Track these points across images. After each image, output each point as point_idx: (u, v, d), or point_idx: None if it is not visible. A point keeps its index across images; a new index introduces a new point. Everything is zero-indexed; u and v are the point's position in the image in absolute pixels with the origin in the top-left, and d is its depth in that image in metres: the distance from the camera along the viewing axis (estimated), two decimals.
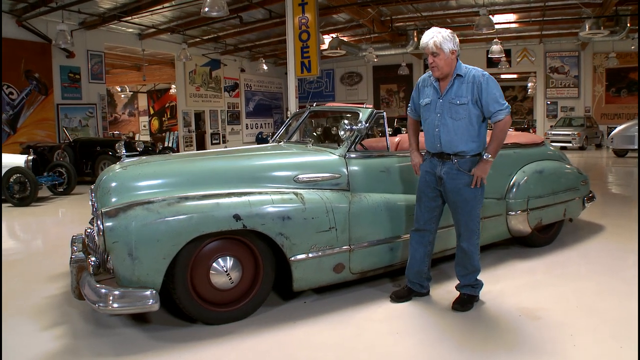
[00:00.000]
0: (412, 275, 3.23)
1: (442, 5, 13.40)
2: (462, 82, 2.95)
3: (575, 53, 18.41)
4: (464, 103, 2.92)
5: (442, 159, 3.01)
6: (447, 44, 2.90)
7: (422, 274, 3.21)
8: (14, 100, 11.39)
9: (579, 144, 16.28)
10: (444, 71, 2.94)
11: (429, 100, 3.06)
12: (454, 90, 2.95)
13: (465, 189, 2.98)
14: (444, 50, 2.89)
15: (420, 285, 3.24)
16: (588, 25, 11.78)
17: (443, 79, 3.00)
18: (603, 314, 3.01)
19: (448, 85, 2.98)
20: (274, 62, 21.20)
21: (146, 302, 2.64)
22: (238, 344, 2.72)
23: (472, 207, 3.01)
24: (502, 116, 2.92)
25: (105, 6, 11.81)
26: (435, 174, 3.06)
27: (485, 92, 2.90)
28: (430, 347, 2.65)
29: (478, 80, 2.92)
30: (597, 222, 5.49)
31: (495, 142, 2.95)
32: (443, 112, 2.97)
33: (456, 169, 2.97)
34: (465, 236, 3.05)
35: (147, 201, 2.74)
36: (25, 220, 6.78)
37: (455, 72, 2.96)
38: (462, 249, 3.08)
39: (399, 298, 3.21)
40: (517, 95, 30.70)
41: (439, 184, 3.06)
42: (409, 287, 3.25)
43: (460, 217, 3.03)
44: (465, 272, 3.13)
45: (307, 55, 9.71)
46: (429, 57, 2.94)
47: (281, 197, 2.96)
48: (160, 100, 23.18)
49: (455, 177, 2.97)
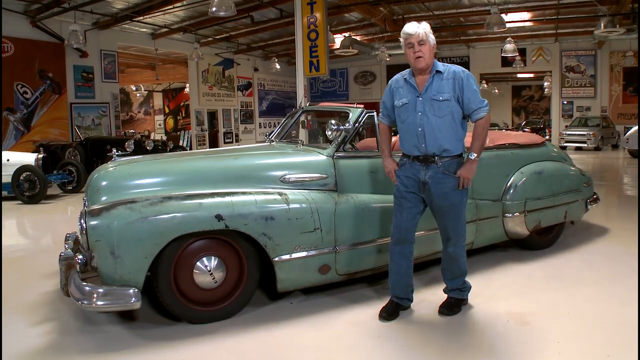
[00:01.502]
0: (399, 291, 3.04)
1: (455, 3, 13.25)
2: (442, 78, 2.85)
3: (592, 52, 18.05)
4: (447, 99, 2.82)
5: (426, 162, 2.87)
6: (432, 35, 2.86)
7: (408, 287, 3.06)
8: (28, 100, 11.62)
9: (594, 144, 15.95)
10: (428, 62, 2.84)
11: (406, 100, 2.91)
12: (435, 87, 2.84)
13: (452, 193, 2.88)
14: (430, 40, 2.83)
15: (407, 299, 3.08)
16: (603, 23, 11.52)
17: (420, 74, 2.90)
18: (594, 321, 2.93)
19: (427, 82, 2.86)
20: (287, 61, 21.22)
21: (128, 300, 2.66)
22: (219, 343, 2.73)
23: (458, 210, 2.93)
24: (484, 113, 2.86)
25: (118, 6, 11.96)
26: (418, 179, 2.90)
27: (467, 89, 2.83)
28: (409, 351, 2.61)
29: (459, 77, 2.84)
30: (603, 225, 5.36)
31: (479, 140, 2.87)
32: (425, 110, 2.84)
33: (442, 172, 2.85)
34: (453, 241, 2.96)
35: (131, 200, 2.76)
36: (33, 218, 6.90)
37: (435, 68, 2.87)
38: (449, 254, 3.00)
39: (390, 316, 2.99)
40: (534, 95, 30.27)
41: (423, 190, 2.91)
42: (396, 303, 3.05)
43: (448, 222, 2.93)
44: (452, 276, 3.07)
45: (316, 54, 9.70)
46: (414, 47, 2.80)
47: (265, 198, 2.95)
48: (176, 99, 23.44)
49: (441, 180, 2.86)
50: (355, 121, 3.43)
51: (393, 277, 3.04)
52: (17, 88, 11.38)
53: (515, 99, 31.83)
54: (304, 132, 9.70)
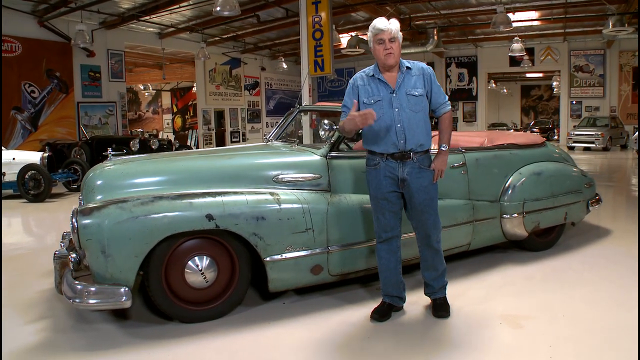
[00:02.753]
0: (391, 288, 3.02)
1: (462, 3, 13.18)
2: (412, 74, 2.88)
3: (601, 51, 17.85)
4: (422, 94, 2.86)
5: (402, 159, 2.84)
6: (400, 34, 2.87)
7: (399, 284, 3.04)
8: (35, 99, 11.73)
9: (602, 144, 15.77)
10: (397, 60, 2.85)
11: (378, 97, 2.84)
12: (407, 83, 2.85)
13: (430, 187, 2.90)
14: (399, 37, 2.85)
15: (399, 298, 3.05)
16: (612, 22, 11.39)
17: (388, 71, 2.87)
18: (589, 324, 2.89)
19: (398, 78, 2.85)
20: (294, 61, 21.21)
21: (119, 299, 2.67)
22: (209, 343, 2.73)
23: (435, 203, 2.96)
24: (449, 107, 2.96)
25: (125, 6, 12.03)
26: (396, 177, 2.86)
27: (434, 84, 2.92)
28: (400, 353, 2.59)
29: (427, 72, 2.91)
30: (605, 227, 5.29)
31: (448, 132, 2.96)
32: (402, 106, 2.82)
33: (418, 167, 2.86)
34: (434, 237, 2.95)
35: (122, 200, 2.77)
36: (38, 216, 6.97)
37: (404, 65, 2.88)
38: (433, 249, 2.97)
39: (382, 317, 2.97)
40: (543, 95, 30.02)
41: (402, 187, 2.88)
42: (389, 303, 3.04)
43: (428, 216, 2.91)
44: (436, 274, 3.03)
45: (321, 53, 9.70)
46: (385, 43, 2.78)
47: (256, 198, 2.95)
48: (184, 98, 23.51)
49: (419, 175, 2.86)
50: None
51: (383, 274, 3.03)
52: (25, 87, 11.50)
53: (524, 99, 31.59)
54: (309, 131, 9.72)
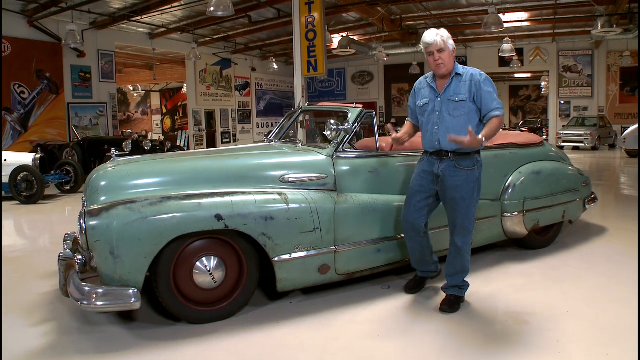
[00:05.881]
0: (420, 266, 3.35)
1: (452, 3, 13.27)
2: (461, 80, 3.01)
3: (589, 52, 18.10)
4: (463, 100, 2.96)
5: (440, 156, 3.04)
6: (450, 41, 3.01)
7: (430, 261, 3.32)
8: (25, 100, 11.58)
9: (591, 144, 16.00)
10: (449, 68, 3.00)
11: (426, 100, 3.11)
12: (453, 88, 3.01)
13: (463, 186, 3.00)
14: (449, 46, 2.99)
15: (430, 271, 3.39)
16: (601, 23, 11.57)
17: (441, 78, 3.06)
18: (593, 320, 2.94)
19: (447, 83, 3.03)
20: (284, 61, 21.22)
21: (128, 300, 2.66)
22: (218, 343, 2.72)
23: (468, 205, 3.03)
24: (497, 113, 2.97)
25: (115, 6, 11.93)
26: (432, 172, 3.08)
27: (485, 89, 2.97)
28: (408, 351, 2.62)
29: (477, 79, 2.99)
30: (601, 225, 5.38)
31: (490, 129, 2.91)
32: (442, 110, 3.02)
33: (454, 165, 3.00)
34: (460, 234, 3.07)
35: (130, 200, 2.75)
36: (31, 218, 6.88)
37: (454, 71, 3.02)
38: (456, 246, 3.09)
39: (411, 289, 3.34)
40: (531, 95, 30.31)
41: (436, 183, 3.09)
42: (420, 277, 3.40)
43: (458, 214, 3.05)
44: (454, 271, 3.12)
45: (314, 54, 9.70)
46: (434, 55, 2.97)
47: (264, 198, 2.95)
48: (173, 99, 23.36)
49: (453, 173, 3.00)
50: (355, 121, 3.44)
51: (411, 256, 3.35)
52: (15, 88, 11.34)
53: (512, 99, 31.87)
54: (302, 132, 9.71)
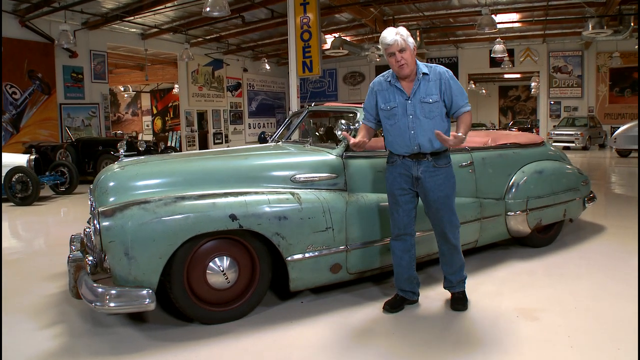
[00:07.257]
0: (402, 283, 3.12)
1: (445, 4, 13.38)
2: (429, 79, 2.90)
3: (579, 53, 18.36)
4: (437, 101, 2.88)
5: (417, 159, 2.94)
6: (410, 39, 2.87)
7: (412, 279, 3.13)
8: (17, 100, 11.45)
9: (582, 144, 16.24)
10: (412, 67, 2.87)
11: (394, 104, 2.93)
12: (423, 90, 2.89)
13: (445, 184, 2.95)
14: (410, 44, 2.85)
15: (412, 292, 3.15)
16: (591, 24, 11.74)
17: (405, 79, 2.92)
18: (601, 316, 2.99)
19: (414, 84, 2.90)
20: (276, 62, 21.21)
21: (142, 301, 2.64)
22: (233, 343, 2.72)
23: (451, 201, 3.00)
24: (467, 108, 2.93)
25: (108, 6, 11.85)
26: (410, 175, 2.97)
27: (454, 86, 2.92)
28: (423, 348, 2.64)
29: (445, 77, 2.91)
30: (599, 223, 5.47)
31: (466, 125, 2.87)
32: (416, 113, 2.89)
33: (433, 165, 2.93)
34: (450, 233, 3.02)
35: (144, 201, 2.74)
36: (27, 220, 6.81)
37: (420, 71, 2.90)
38: (450, 244, 3.05)
39: (393, 308, 3.08)
40: (521, 95, 30.63)
41: (416, 185, 2.98)
42: (401, 296, 3.14)
43: (444, 214, 2.98)
44: (455, 268, 3.11)
45: (309, 55, 9.72)
46: (395, 55, 2.82)
47: (278, 197, 2.96)
48: (164, 99, 23.21)
49: (434, 173, 2.93)
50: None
51: (396, 270, 3.13)
52: (6, 88, 11.22)
53: (502, 99, 32.20)
54: (298, 132, 9.72)
